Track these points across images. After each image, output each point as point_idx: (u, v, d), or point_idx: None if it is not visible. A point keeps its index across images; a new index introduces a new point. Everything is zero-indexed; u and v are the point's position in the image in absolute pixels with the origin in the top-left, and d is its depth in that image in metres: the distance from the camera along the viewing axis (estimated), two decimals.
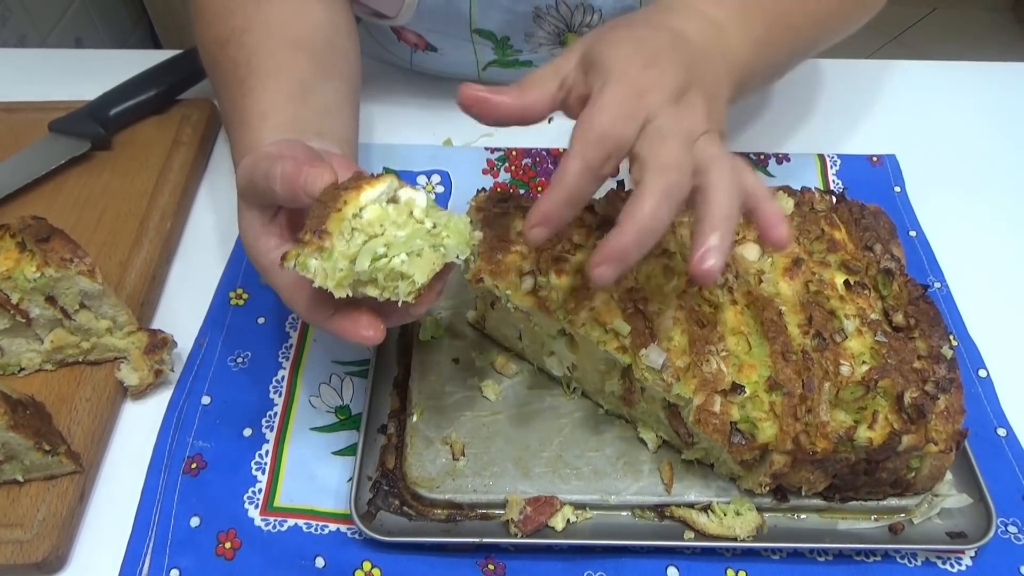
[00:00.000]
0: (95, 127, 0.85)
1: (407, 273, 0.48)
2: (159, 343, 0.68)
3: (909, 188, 0.85)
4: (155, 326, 0.73)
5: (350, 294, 0.49)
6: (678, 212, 0.48)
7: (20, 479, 0.61)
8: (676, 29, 0.55)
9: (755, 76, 0.63)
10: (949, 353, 0.59)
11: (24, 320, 0.64)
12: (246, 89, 0.65)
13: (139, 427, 0.67)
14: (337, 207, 0.49)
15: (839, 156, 0.88)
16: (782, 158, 0.88)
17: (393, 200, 0.51)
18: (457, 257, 0.50)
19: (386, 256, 0.48)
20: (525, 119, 0.53)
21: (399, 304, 0.49)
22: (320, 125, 0.65)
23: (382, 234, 0.49)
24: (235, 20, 0.69)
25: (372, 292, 0.49)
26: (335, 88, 0.70)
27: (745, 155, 0.88)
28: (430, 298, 0.51)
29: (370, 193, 0.50)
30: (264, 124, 0.63)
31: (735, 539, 0.59)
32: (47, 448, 0.59)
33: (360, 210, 0.49)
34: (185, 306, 0.75)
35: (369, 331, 0.51)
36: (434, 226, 0.50)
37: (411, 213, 0.50)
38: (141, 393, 0.68)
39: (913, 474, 0.58)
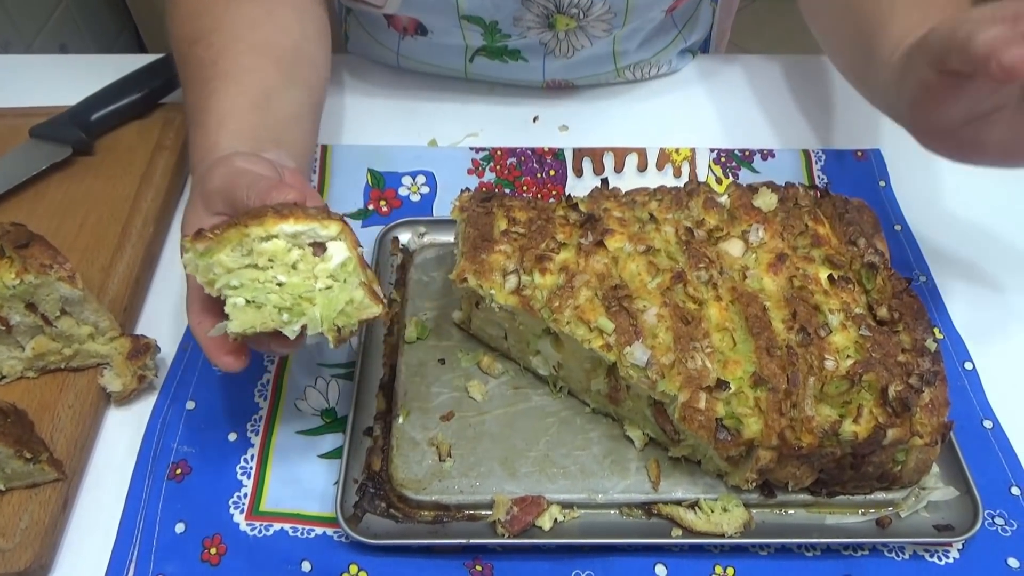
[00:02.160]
0: (77, 132, 0.84)
1: (232, 316, 0.50)
2: (142, 348, 0.68)
3: (894, 182, 0.85)
4: (139, 331, 0.73)
5: (216, 295, 0.51)
6: None
7: (2, 487, 0.60)
8: None
9: None
10: (933, 346, 0.59)
11: (4, 327, 0.64)
12: (209, 91, 0.66)
13: (123, 433, 0.67)
14: (245, 223, 0.51)
15: (824, 151, 0.88)
16: (767, 154, 0.88)
17: (320, 244, 0.52)
18: (299, 329, 0.51)
19: (234, 289, 0.51)
20: None
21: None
22: (278, 134, 0.66)
23: (266, 268, 0.51)
24: (205, 20, 0.70)
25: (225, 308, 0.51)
26: (297, 96, 0.71)
27: (730, 151, 0.88)
28: (243, 349, 0.55)
29: (288, 227, 0.51)
30: (221, 130, 0.64)
31: (723, 535, 0.59)
32: (28, 456, 0.58)
33: (269, 236, 0.51)
34: (169, 311, 0.75)
35: (228, 358, 0.54)
36: (328, 288, 0.52)
37: (315, 266, 0.52)
38: (125, 399, 0.68)
39: (899, 467, 0.58)
